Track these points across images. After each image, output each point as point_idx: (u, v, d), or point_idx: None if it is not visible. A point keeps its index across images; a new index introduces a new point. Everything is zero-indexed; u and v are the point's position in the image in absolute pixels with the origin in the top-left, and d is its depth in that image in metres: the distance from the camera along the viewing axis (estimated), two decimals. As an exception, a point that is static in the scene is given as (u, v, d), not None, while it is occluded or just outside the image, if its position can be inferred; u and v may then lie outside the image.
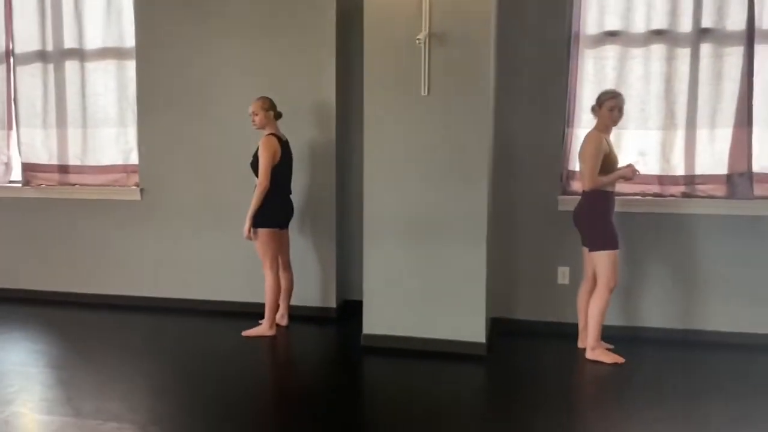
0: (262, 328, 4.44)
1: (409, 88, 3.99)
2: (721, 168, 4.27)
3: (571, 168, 4.45)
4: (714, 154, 4.27)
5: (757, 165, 4.21)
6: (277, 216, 4.43)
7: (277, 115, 4.44)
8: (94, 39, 5.22)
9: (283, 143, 4.40)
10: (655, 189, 4.37)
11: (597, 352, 3.92)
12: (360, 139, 4.20)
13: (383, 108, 4.07)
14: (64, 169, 5.39)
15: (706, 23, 4.20)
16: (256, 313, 4.59)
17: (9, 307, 5.20)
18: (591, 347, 3.93)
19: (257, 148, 4.34)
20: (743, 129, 4.18)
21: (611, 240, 3.85)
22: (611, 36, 4.35)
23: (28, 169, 5.45)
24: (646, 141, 4.36)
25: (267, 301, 4.41)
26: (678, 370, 3.86)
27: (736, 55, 4.18)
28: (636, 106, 4.33)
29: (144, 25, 5.06)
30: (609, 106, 3.85)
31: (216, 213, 5.01)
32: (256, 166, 4.35)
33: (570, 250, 4.33)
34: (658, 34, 4.28)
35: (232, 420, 3.16)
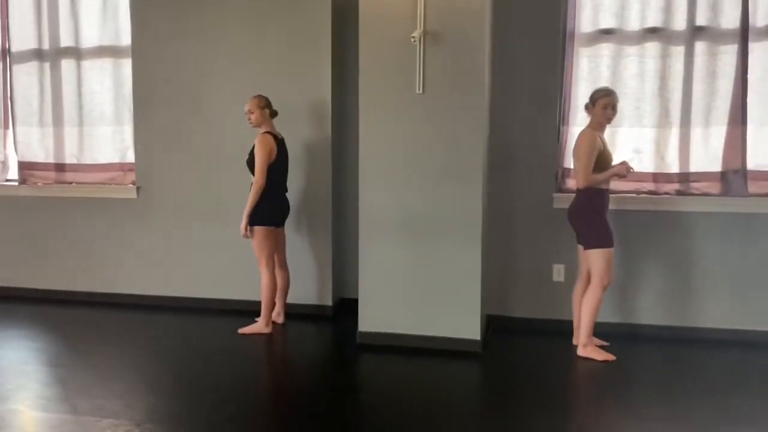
0: (258, 325, 4.46)
1: (404, 87, 4.00)
2: (716, 165, 4.28)
3: (566, 166, 4.46)
4: (708, 152, 4.29)
5: (752, 162, 4.22)
6: (273, 214, 4.44)
7: (273, 114, 4.45)
8: (90, 37, 5.23)
9: (278, 141, 4.41)
10: (649, 186, 4.38)
11: (588, 349, 3.93)
12: (356, 137, 4.21)
13: (378, 106, 4.08)
14: (60, 167, 5.40)
15: (701, 21, 4.21)
16: (252, 310, 4.60)
17: (7, 306, 5.21)
18: (583, 344, 3.95)
19: (253, 147, 4.35)
20: (737, 127, 4.19)
21: (606, 238, 3.86)
22: (606, 34, 4.36)
23: (24, 167, 5.46)
24: (641, 139, 4.37)
25: (263, 299, 4.43)
26: (673, 367, 3.87)
27: (730, 53, 4.19)
28: (631, 104, 4.34)
29: (140, 23, 5.06)
30: (602, 104, 3.86)
31: (212, 211, 5.02)
32: (251, 165, 4.36)
33: (565, 247, 4.34)
34: (652, 32, 4.29)
35: (228, 417, 3.17)
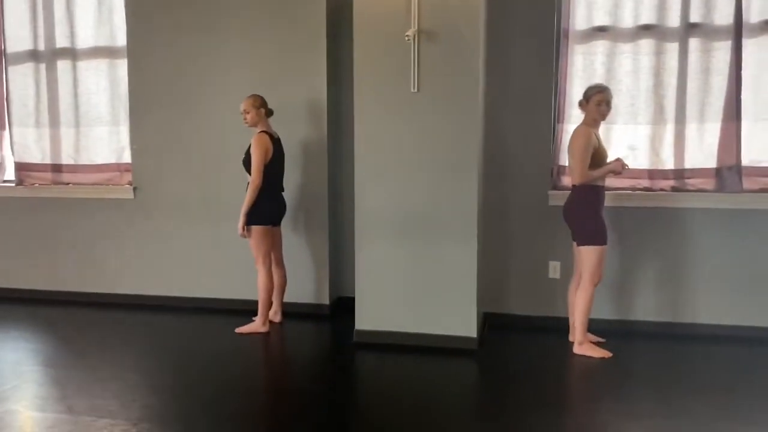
0: (255, 324, 4.47)
1: (399, 85, 4.00)
2: (711, 162, 4.29)
3: (561, 163, 4.47)
4: (703, 148, 4.30)
5: (746, 158, 4.23)
6: (270, 213, 4.45)
7: (269, 113, 4.46)
8: (86, 38, 5.23)
9: (274, 141, 4.42)
10: (645, 183, 4.40)
11: (584, 347, 3.94)
12: (351, 135, 4.21)
13: (373, 105, 4.08)
14: (57, 168, 5.40)
15: (695, 18, 4.22)
16: (249, 310, 4.61)
17: (4, 306, 5.22)
18: (578, 342, 3.95)
19: (249, 146, 4.36)
20: (732, 123, 4.20)
21: (600, 235, 3.87)
22: (600, 31, 4.37)
23: (21, 168, 5.46)
24: (636, 135, 4.38)
25: (260, 298, 4.43)
26: (669, 363, 3.89)
27: (724, 49, 4.19)
28: (625, 101, 4.35)
29: (135, 23, 5.06)
30: (596, 101, 3.86)
31: (209, 210, 5.03)
32: (248, 164, 4.36)
33: (561, 244, 4.36)
34: (646, 29, 4.30)
35: (225, 417, 3.18)
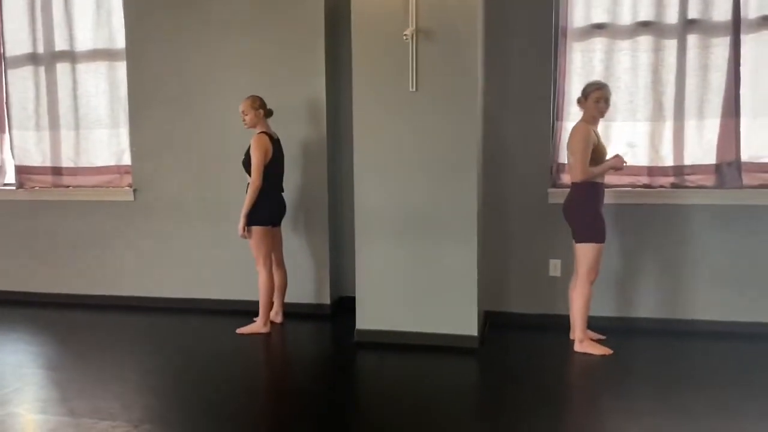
0: (256, 325, 4.47)
1: (398, 84, 4.00)
2: (710, 158, 4.29)
3: (560, 161, 4.47)
4: (702, 145, 4.30)
5: (746, 154, 4.23)
6: (270, 213, 4.45)
7: (268, 113, 4.46)
8: (85, 41, 5.25)
9: (274, 141, 4.42)
10: (644, 180, 4.39)
11: (585, 345, 3.94)
12: (351, 135, 4.21)
13: (372, 104, 4.08)
14: (57, 171, 5.41)
15: (693, 14, 4.22)
16: (250, 310, 4.62)
17: (4, 309, 5.23)
18: (579, 340, 3.95)
19: (249, 147, 4.36)
20: (731, 119, 4.20)
21: (599, 233, 3.86)
22: (598, 28, 4.37)
23: (21, 171, 5.48)
24: (635, 132, 4.38)
25: (261, 299, 4.44)
26: (670, 360, 3.88)
27: (722, 45, 4.20)
28: (624, 98, 4.35)
29: (134, 26, 5.07)
30: (595, 98, 3.86)
31: (209, 212, 5.04)
32: (248, 165, 4.37)
33: (561, 242, 4.35)
34: (644, 26, 4.30)
35: (226, 417, 3.18)
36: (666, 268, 4.38)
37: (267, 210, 4.41)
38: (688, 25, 4.23)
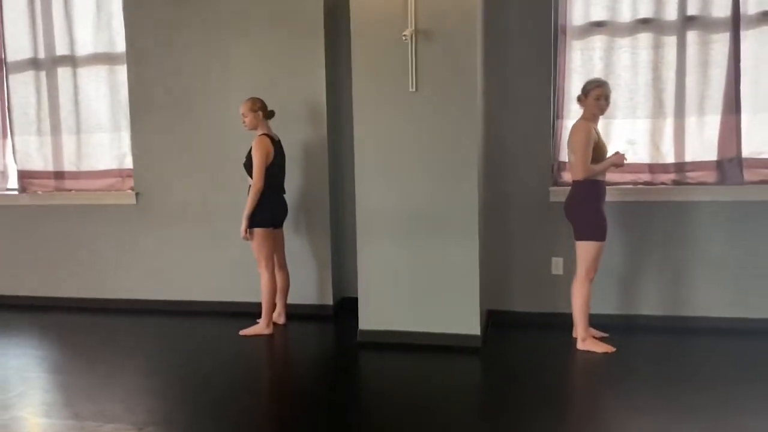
0: (259, 327, 4.48)
1: (397, 85, 4.01)
2: (711, 154, 4.28)
3: (561, 159, 4.47)
4: (703, 141, 4.29)
5: (747, 150, 4.23)
6: (272, 215, 4.46)
7: (269, 115, 4.47)
8: (85, 45, 5.26)
9: (275, 143, 4.43)
10: (645, 177, 4.39)
11: (587, 343, 3.94)
12: (351, 136, 4.22)
13: (372, 105, 4.09)
14: (59, 175, 5.43)
15: (692, 11, 4.22)
16: (253, 312, 4.62)
17: (9, 314, 5.25)
18: (581, 338, 3.95)
19: (250, 149, 4.37)
20: (731, 115, 4.20)
21: (600, 231, 3.86)
22: (598, 26, 4.37)
23: (24, 176, 5.50)
24: (635, 130, 4.38)
25: (263, 300, 4.45)
26: (672, 357, 3.87)
27: (722, 41, 4.19)
28: (624, 96, 4.35)
29: (134, 29, 5.09)
30: (595, 95, 3.85)
31: (211, 214, 5.05)
32: (249, 167, 4.38)
33: (563, 240, 4.35)
34: (644, 23, 4.30)
35: (230, 419, 3.18)
36: (668, 264, 4.37)
37: (269, 212, 4.41)
38: (687, 21, 4.23)
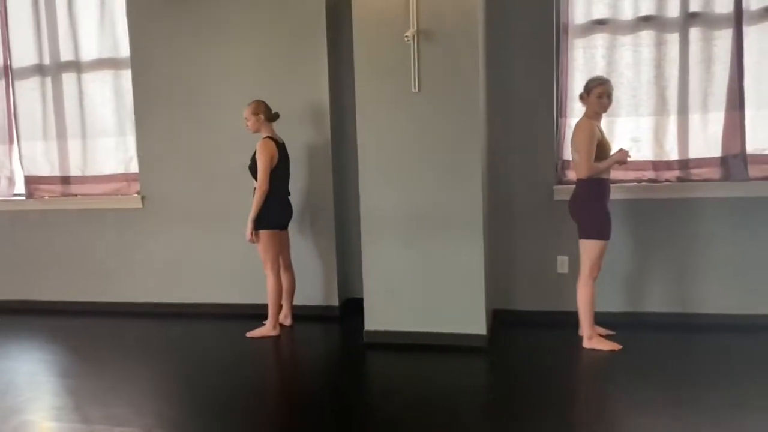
0: (265, 328, 4.50)
1: (400, 86, 4.01)
2: (715, 151, 4.27)
3: (565, 157, 4.47)
4: (707, 138, 4.28)
5: (751, 146, 4.22)
6: (277, 217, 4.47)
7: (273, 117, 4.48)
8: (90, 50, 5.30)
9: (279, 145, 4.44)
10: (649, 175, 4.39)
11: (594, 341, 3.94)
12: (355, 137, 4.22)
13: (375, 106, 4.10)
14: (66, 180, 5.47)
15: (694, 7, 4.21)
16: (259, 314, 4.64)
17: (17, 318, 5.28)
18: (587, 336, 3.95)
19: (255, 152, 4.39)
20: (735, 111, 4.19)
21: (604, 229, 3.85)
22: (600, 24, 4.37)
23: (30, 181, 5.53)
24: (639, 127, 4.37)
25: (269, 302, 4.46)
26: (679, 354, 3.87)
27: (725, 38, 4.18)
28: (627, 93, 4.35)
29: (138, 34, 5.11)
30: (597, 93, 3.85)
31: (217, 217, 5.07)
32: (254, 170, 4.39)
33: (568, 239, 4.34)
34: (646, 21, 4.29)
35: (238, 420, 3.20)
36: (673, 262, 4.37)
37: (274, 214, 4.43)
38: (689, 18, 4.22)
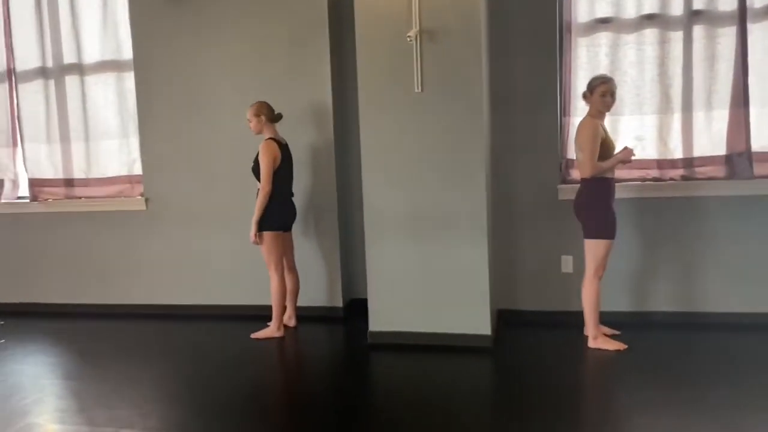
0: (270, 329, 4.50)
1: (403, 86, 4.01)
2: (720, 149, 4.26)
3: (569, 157, 4.46)
4: (712, 136, 4.27)
5: (756, 144, 4.20)
6: (281, 218, 4.47)
7: (276, 118, 4.47)
8: (93, 53, 5.30)
9: (282, 146, 4.44)
10: (654, 173, 4.37)
11: (599, 341, 3.93)
12: (358, 138, 4.22)
13: (378, 106, 4.09)
14: (69, 182, 5.47)
15: (698, 5, 4.20)
16: (264, 315, 4.64)
17: (22, 321, 5.28)
18: (592, 336, 3.94)
19: (257, 153, 4.38)
20: (740, 109, 4.17)
21: (609, 229, 3.84)
22: (603, 23, 4.35)
23: (34, 184, 5.54)
24: (643, 126, 4.36)
25: (274, 303, 4.46)
26: (685, 352, 3.86)
27: (729, 35, 4.17)
28: (631, 92, 4.34)
29: (140, 36, 5.12)
30: (601, 92, 3.84)
31: (220, 218, 5.07)
32: (257, 171, 4.39)
33: (572, 238, 4.33)
34: (650, 19, 4.28)
35: (242, 422, 3.20)
36: (679, 260, 4.35)
37: (278, 215, 4.43)
38: (693, 16, 4.21)
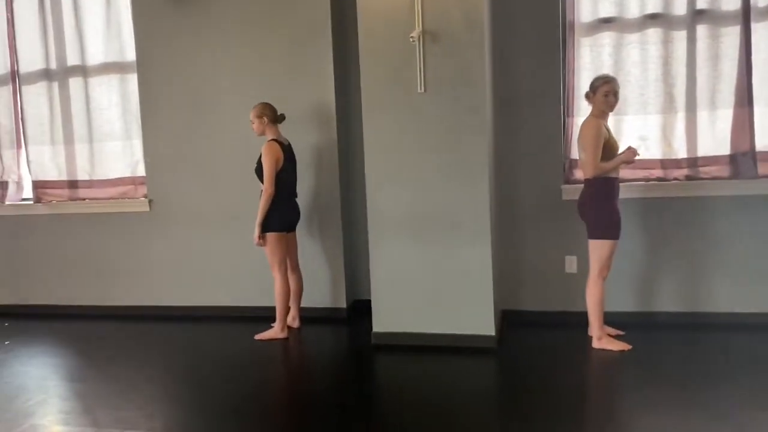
0: (273, 331, 4.50)
1: (406, 86, 4.00)
2: (724, 149, 4.24)
3: (572, 157, 4.45)
4: (716, 136, 4.25)
5: (760, 143, 4.18)
6: (284, 219, 4.47)
7: (278, 119, 4.47)
8: (96, 54, 5.31)
9: (285, 148, 4.44)
10: (658, 173, 4.36)
11: (603, 341, 3.92)
12: (361, 138, 4.22)
13: (381, 107, 4.09)
14: (73, 184, 5.48)
15: (701, 4, 4.18)
16: (267, 316, 4.64)
17: (26, 323, 5.30)
18: (596, 337, 3.93)
19: (260, 155, 4.39)
20: (744, 108, 4.16)
21: (613, 229, 3.83)
22: (606, 23, 4.34)
23: (38, 186, 5.55)
24: (647, 126, 4.35)
25: (277, 304, 4.46)
26: (689, 353, 3.85)
27: (732, 34, 4.15)
28: (634, 91, 4.32)
29: (144, 38, 5.13)
30: (603, 92, 3.83)
31: (224, 219, 5.07)
32: (260, 173, 4.39)
33: (576, 238, 4.32)
34: (653, 18, 4.27)
35: (246, 422, 3.21)
36: (683, 261, 4.34)
37: (281, 216, 4.43)
38: (696, 15, 4.19)
